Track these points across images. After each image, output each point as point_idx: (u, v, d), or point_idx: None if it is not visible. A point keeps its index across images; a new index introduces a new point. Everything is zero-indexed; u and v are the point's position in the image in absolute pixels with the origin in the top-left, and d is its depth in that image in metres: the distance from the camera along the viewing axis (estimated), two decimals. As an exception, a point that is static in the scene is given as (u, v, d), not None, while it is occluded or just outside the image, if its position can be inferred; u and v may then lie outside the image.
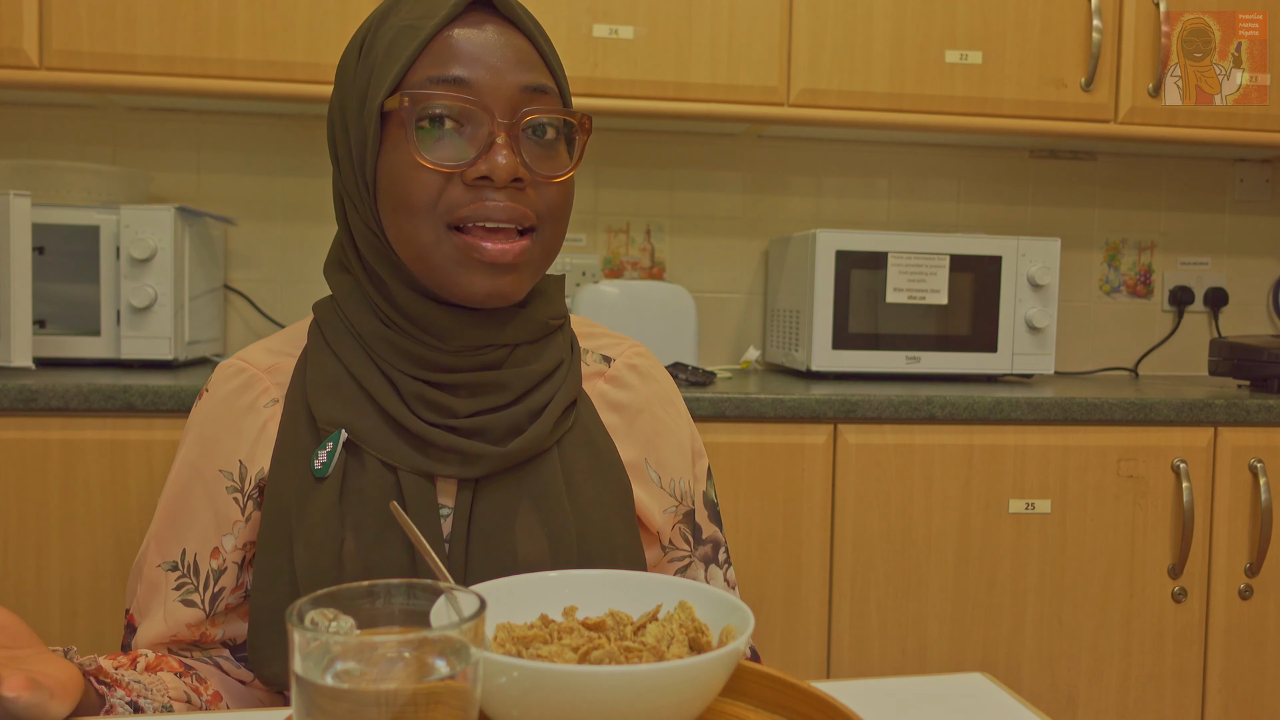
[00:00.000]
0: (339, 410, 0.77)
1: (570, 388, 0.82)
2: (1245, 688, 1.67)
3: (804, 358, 1.80)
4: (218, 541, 0.79)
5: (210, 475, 0.80)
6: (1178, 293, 2.27)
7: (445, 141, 0.73)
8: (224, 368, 0.84)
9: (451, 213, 0.73)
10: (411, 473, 0.76)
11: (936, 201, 2.20)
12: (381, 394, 0.76)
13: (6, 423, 1.39)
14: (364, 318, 0.79)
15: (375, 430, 0.76)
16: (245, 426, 0.80)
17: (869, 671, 1.59)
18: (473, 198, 0.73)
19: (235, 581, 0.80)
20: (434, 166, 0.72)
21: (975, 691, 0.68)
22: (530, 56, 0.76)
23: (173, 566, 0.80)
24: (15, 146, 1.92)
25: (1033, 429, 1.60)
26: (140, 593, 0.81)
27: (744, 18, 1.76)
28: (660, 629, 0.60)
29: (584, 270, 2.06)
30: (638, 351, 0.92)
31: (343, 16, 1.67)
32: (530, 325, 0.80)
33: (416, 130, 0.73)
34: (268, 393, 0.81)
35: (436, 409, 0.76)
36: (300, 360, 0.82)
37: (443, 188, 0.73)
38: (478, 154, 0.73)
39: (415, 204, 0.73)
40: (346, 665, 0.42)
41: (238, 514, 0.79)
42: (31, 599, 1.41)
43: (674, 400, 0.93)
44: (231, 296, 1.99)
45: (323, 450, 0.76)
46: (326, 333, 0.80)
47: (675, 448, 0.89)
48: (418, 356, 0.77)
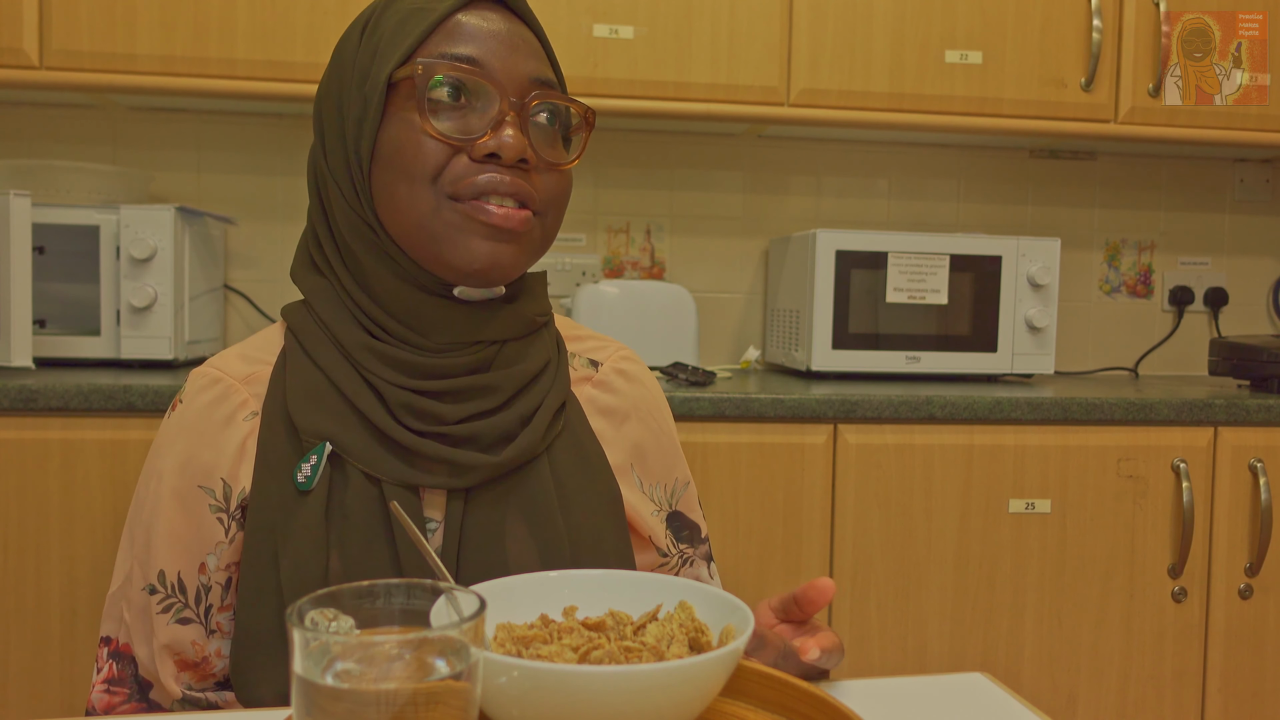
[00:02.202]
0: (322, 421, 0.75)
1: (559, 390, 0.81)
2: (1245, 688, 1.67)
3: (804, 358, 1.80)
4: (202, 558, 0.76)
5: (189, 492, 0.77)
6: (1178, 293, 2.27)
7: (455, 115, 0.73)
8: (198, 376, 0.80)
9: (455, 184, 0.73)
10: (397, 485, 0.74)
11: (936, 201, 2.20)
12: (366, 404, 0.74)
13: (6, 423, 1.39)
14: (345, 325, 0.76)
15: (360, 442, 0.74)
16: (224, 441, 0.77)
17: (869, 671, 1.59)
18: (478, 171, 0.73)
19: (221, 601, 0.77)
20: (442, 137, 0.72)
21: (975, 691, 0.68)
22: (536, 48, 0.77)
23: (151, 590, 0.76)
24: (15, 146, 1.92)
25: (1033, 429, 1.60)
26: (130, 619, 0.78)
27: (744, 18, 1.76)
28: (660, 629, 0.60)
29: (584, 270, 2.06)
30: (624, 355, 0.92)
31: (343, 16, 1.67)
32: (518, 320, 0.79)
33: (427, 101, 0.72)
34: (246, 405, 0.78)
35: (424, 417, 0.75)
36: (277, 367, 0.79)
37: (448, 160, 0.73)
38: (486, 130, 0.73)
39: (418, 172, 0.72)
40: (346, 665, 0.42)
41: (221, 534, 0.76)
42: (31, 599, 1.41)
43: (660, 404, 0.92)
44: (231, 296, 1.99)
45: (306, 463, 0.74)
46: (303, 340, 0.78)
47: (661, 451, 0.89)
48: (403, 363, 0.75)
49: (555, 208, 0.78)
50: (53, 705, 1.42)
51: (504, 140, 0.72)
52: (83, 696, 1.43)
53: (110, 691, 0.78)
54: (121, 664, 0.78)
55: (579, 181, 2.08)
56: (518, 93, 0.74)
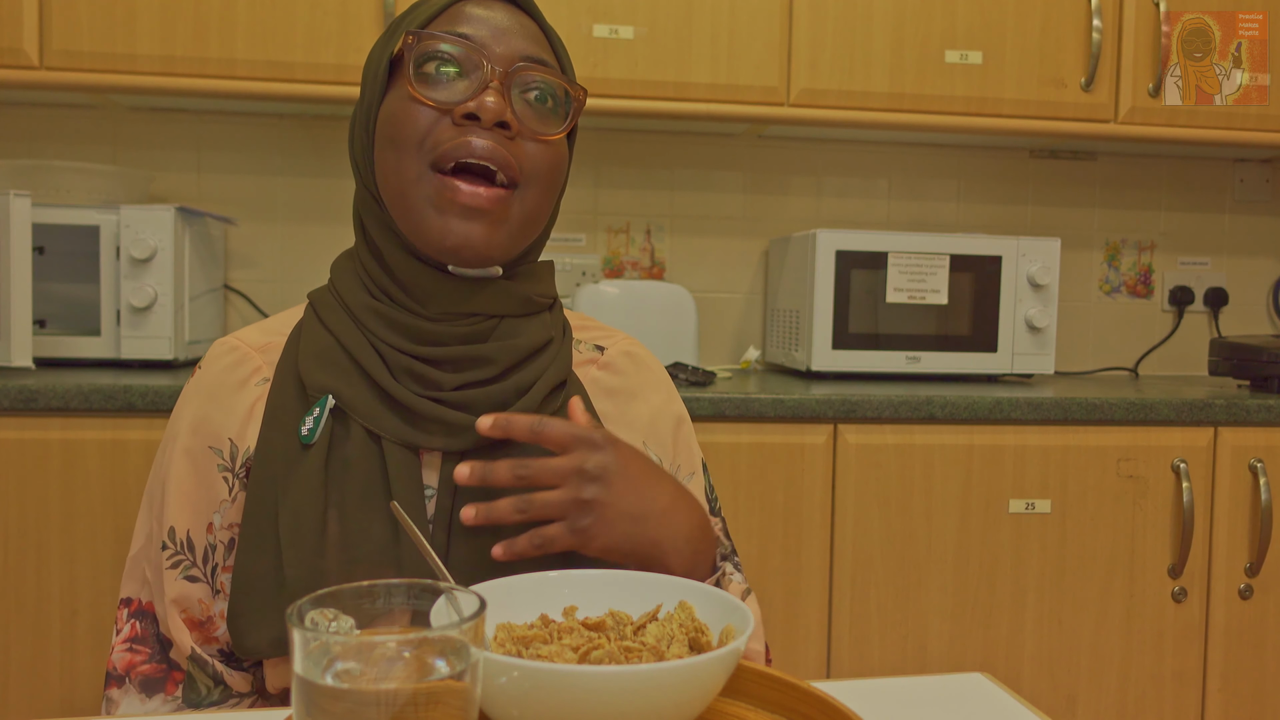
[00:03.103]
0: (327, 377, 0.78)
1: (559, 368, 0.82)
2: (1245, 688, 1.67)
3: (804, 358, 1.80)
4: (210, 518, 0.79)
5: (200, 452, 0.80)
6: (1178, 293, 2.27)
7: (442, 83, 0.76)
8: (218, 345, 0.85)
9: (436, 149, 0.75)
10: (397, 443, 0.76)
11: (936, 201, 2.20)
12: (370, 364, 0.77)
13: (6, 423, 1.39)
14: (353, 290, 0.80)
15: (362, 398, 0.77)
16: (235, 404, 0.80)
17: (869, 671, 1.59)
18: (457, 134, 0.74)
19: (225, 560, 0.80)
20: (426, 100, 0.75)
21: (975, 691, 0.68)
22: (537, 36, 0.79)
23: (163, 545, 0.79)
24: (15, 146, 1.92)
25: (1033, 429, 1.60)
26: (151, 577, 0.81)
27: (744, 18, 1.76)
28: (660, 629, 0.60)
29: (584, 270, 2.06)
30: (631, 342, 0.93)
31: (343, 16, 1.67)
32: (513, 298, 0.81)
33: (416, 71, 0.75)
34: (259, 371, 0.82)
35: (422, 381, 0.77)
36: (292, 336, 0.83)
37: (432, 125, 0.75)
38: (469, 96, 0.75)
39: (404, 138, 0.75)
40: (346, 665, 0.42)
41: (225, 492, 0.79)
42: (31, 599, 1.41)
43: (668, 388, 0.93)
44: (231, 296, 1.99)
45: (310, 416, 0.76)
46: (320, 310, 0.82)
47: (673, 434, 0.90)
48: (403, 325, 0.77)
49: (539, 182, 0.79)
50: (53, 705, 1.42)
51: (484, 103, 0.74)
52: (83, 696, 1.43)
53: (133, 650, 0.79)
54: (144, 622, 0.80)
55: (579, 182, 2.08)
56: (505, 64, 0.76)
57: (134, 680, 0.77)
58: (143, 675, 0.78)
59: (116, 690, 0.78)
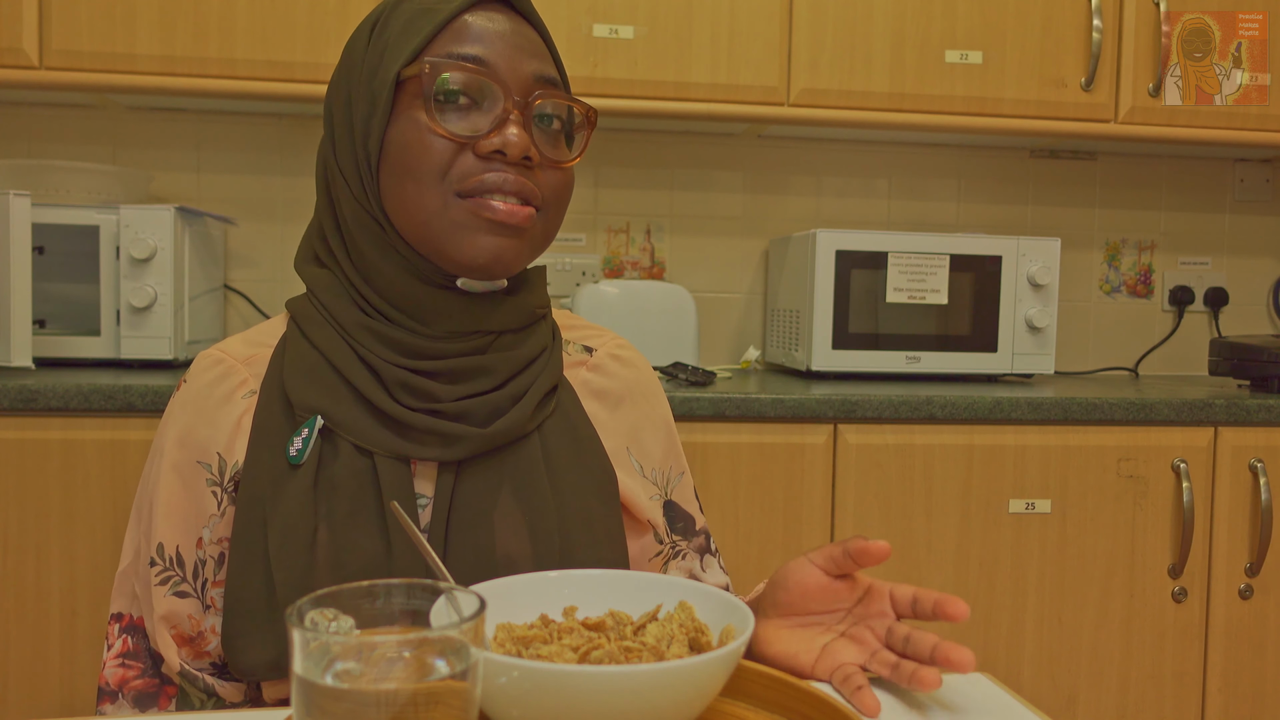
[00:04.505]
0: (315, 396, 0.77)
1: (551, 373, 0.83)
2: (1245, 688, 1.67)
3: (804, 358, 1.80)
4: (199, 533, 0.78)
5: (187, 466, 0.79)
6: (1178, 292, 2.27)
7: (460, 113, 0.75)
8: (202, 358, 0.84)
9: (463, 181, 0.74)
10: (388, 456, 0.76)
11: (936, 201, 2.20)
12: (361, 381, 0.76)
13: (6, 423, 1.39)
14: (345, 309, 0.79)
15: (352, 416, 0.76)
16: (221, 418, 0.79)
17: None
18: (484, 168, 0.74)
19: (214, 575, 0.79)
20: (449, 135, 0.74)
21: (975, 691, 0.68)
22: (541, 49, 0.79)
23: (151, 562, 0.79)
24: (15, 146, 1.92)
25: (1033, 429, 1.60)
26: (141, 592, 0.80)
27: (744, 18, 1.76)
28: (660, 629, 0.60)
29: (584, 270, 2.06)
30: (619, 343, 0.93)
31: (343, 16, 1.67)
32: (518, 312, 0.81)
33: (434, 100, 0.74)
34: (245, 384, 0.81)
35: (419, 394, 0.77)
36: (277, 350, 0.82)
37: (454, 157, 0.74)
38: (491, 128, 0.74)
39: (425, 170, 0.74)
40: (346, 665, 0.42)
41: (214, 507, 0.78)
42: (31, 599, 1.41)
43: (655, 390, 0.93)
44: (231, 296, 1.99)
45: (298, 436, 0.76)
46: (303, 325, 0.80)
47: (656, 436, 0.90)
48: (401, 343, 0.77)
49: (557, 204, 0.80)
50: (53, 705, 1.42)
51: (509, 138, 0.74)
52: (83, 696, 1.43)
53: (125, 665, 0.79)
54: (135, 638, 0.80)
55: (579, 181, 2.08)
56: (522, 91, 0.76)
57: (127, 695, 0.77)
58: (135, 690, 0.78)
59: (110, 706, 0.77)
